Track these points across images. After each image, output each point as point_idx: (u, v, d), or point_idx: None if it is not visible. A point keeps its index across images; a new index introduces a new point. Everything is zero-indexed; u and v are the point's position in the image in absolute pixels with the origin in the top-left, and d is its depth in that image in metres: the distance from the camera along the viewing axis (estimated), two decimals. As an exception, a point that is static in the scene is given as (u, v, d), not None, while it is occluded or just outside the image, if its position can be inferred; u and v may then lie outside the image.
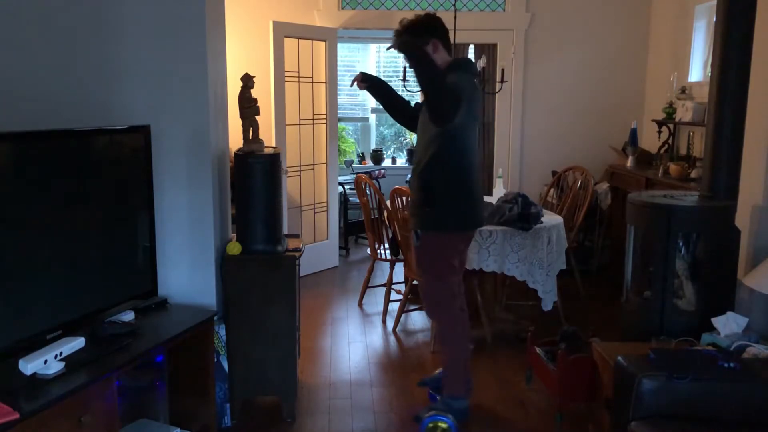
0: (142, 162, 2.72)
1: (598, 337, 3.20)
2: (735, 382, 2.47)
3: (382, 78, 3.59)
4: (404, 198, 4.08)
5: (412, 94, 5.67)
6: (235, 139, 3.37)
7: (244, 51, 5.42)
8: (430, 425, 3.16)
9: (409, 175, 3.42)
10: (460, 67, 3.15)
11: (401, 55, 3.04)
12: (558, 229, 4.24)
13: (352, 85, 3.39)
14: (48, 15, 2.74)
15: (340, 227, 6.36)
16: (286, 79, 5.38)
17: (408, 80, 4.75)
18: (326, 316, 4.81)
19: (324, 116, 5.83)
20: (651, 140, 5.57)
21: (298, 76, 5.52)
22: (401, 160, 9.01)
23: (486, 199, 4.75)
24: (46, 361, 2.16)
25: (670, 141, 5.34)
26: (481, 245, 4.01)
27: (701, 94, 4.90)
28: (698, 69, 5.25)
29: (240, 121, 3.26)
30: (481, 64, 4.84)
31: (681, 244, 3.28)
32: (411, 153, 8.79)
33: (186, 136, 2.97)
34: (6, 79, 2.66)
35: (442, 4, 6.00)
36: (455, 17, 4.84)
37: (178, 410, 2.87)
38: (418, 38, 3.06)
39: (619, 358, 2.63)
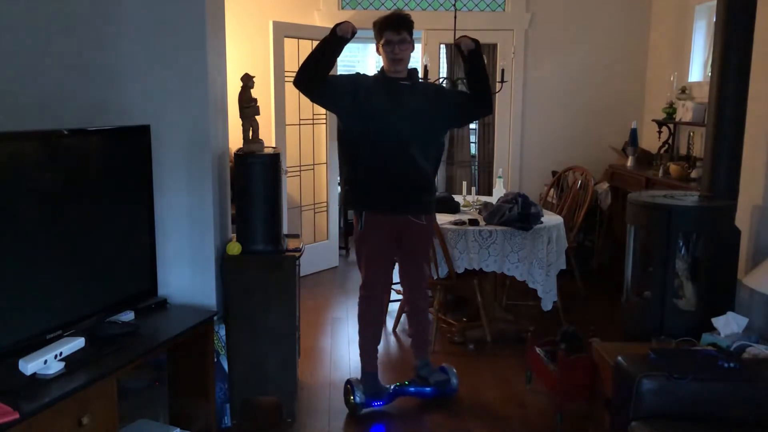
0: (142, 162, 2.73)
1: (598, 337, 3.20)
2: (735, 382, 2.47)
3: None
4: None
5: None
6: (235, 139, 3.37)
7: (244, 51, 5.42)
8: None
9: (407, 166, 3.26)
10: None
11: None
12: (558, 229, 4.24)
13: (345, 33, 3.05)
14: (48, 15, 2.73)
15: (340, 227, 6.35)
16: (286, 79, 5.37)
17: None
18: (326, 316, 4.81)
19: (324, 116, 5.82)
20: (651, 140, 5.57)
21: (298, 76, 5.51)
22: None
23: (486, 199, 4.80)
24: (46, 361, 2.16)
25: (670, 141, 5.34)
26: (481, 245, 4.01)
27: (701, 94, 4.89)
28: (698, 69, 5.24)
29: (240, 121, 3.26)
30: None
31: (681, 244, 3.28)
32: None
33: (186, 136, 2.97)
34: (6, 79, 2.66)
35: (442, 4, 5.99)
36: (455, 17, 4.84)
37: (178, 410, 2.87)
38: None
39: (619, 358, 2.63)
